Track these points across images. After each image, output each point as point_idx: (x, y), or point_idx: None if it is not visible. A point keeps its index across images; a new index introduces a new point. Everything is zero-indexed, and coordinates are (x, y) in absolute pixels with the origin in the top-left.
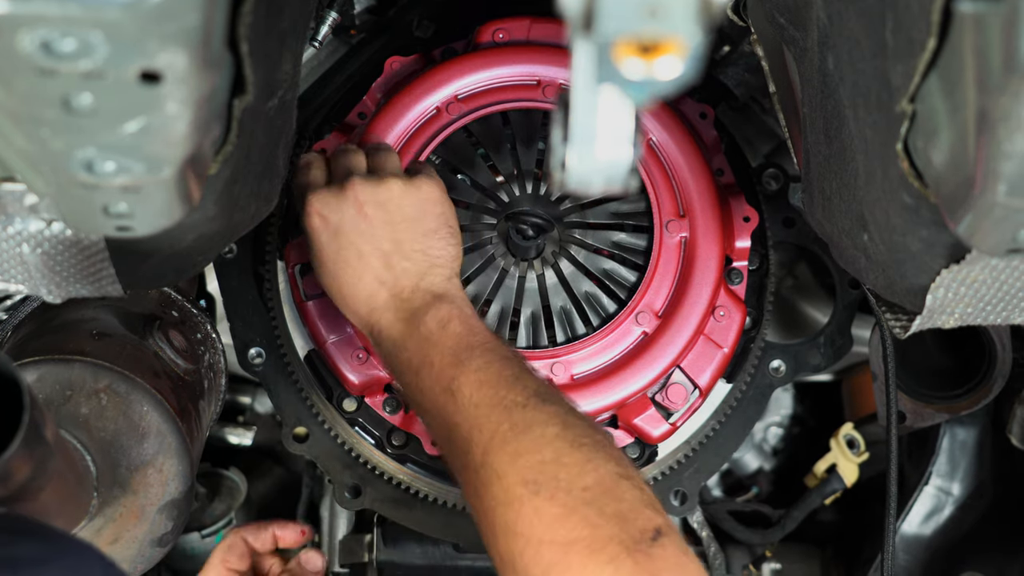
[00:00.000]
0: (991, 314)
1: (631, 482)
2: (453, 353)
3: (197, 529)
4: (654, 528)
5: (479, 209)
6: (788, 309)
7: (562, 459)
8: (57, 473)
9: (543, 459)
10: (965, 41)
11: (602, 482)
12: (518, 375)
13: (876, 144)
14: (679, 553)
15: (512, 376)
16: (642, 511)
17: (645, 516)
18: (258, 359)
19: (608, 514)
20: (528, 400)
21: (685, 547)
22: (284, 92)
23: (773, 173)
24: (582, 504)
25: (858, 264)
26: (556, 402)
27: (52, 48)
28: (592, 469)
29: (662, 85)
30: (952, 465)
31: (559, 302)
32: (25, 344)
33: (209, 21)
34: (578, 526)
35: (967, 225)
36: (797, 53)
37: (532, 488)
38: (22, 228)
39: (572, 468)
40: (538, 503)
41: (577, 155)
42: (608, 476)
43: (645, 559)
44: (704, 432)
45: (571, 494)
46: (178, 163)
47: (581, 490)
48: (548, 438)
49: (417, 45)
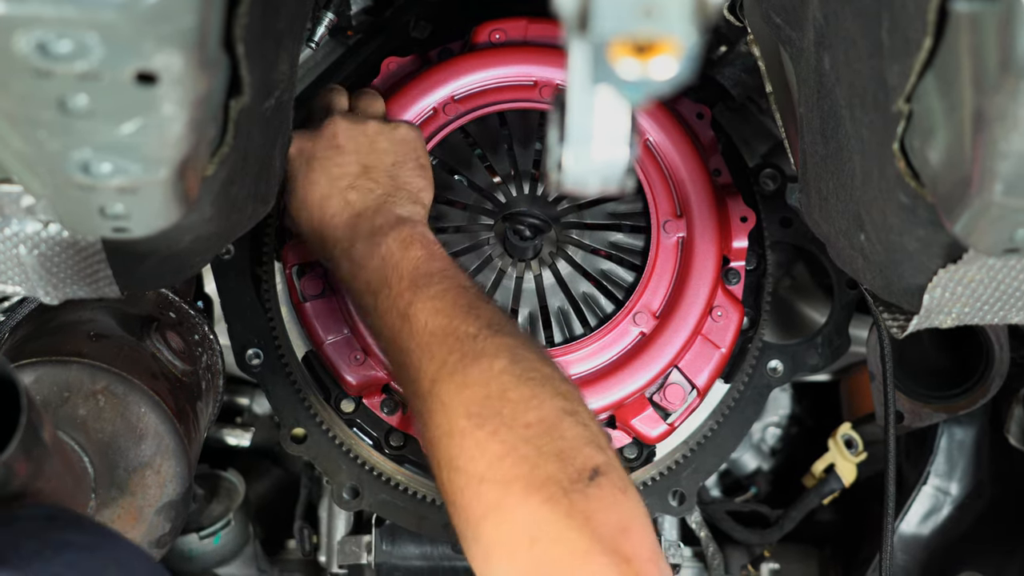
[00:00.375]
0: (988, 314)
1: (575, 418)
2: (411, 278)
3: (195, 530)
4: (592, 467)
5: (476, 210)
6: (786, 309)
7: (507, 394)
8: (55, 475)
9: (488, 392)
10: (961, 40)
11: (545, 419)
12: (473, 304)
13: (873, 144)
14: (615, 492)
15: (467, 305)
16: (582, 449)
17: (585, 455)
18: (256, 360)
19: (547, 453)
20: (480, 331)
21: (625, 484)
22: (281, 93)
23: (770, 173)
24: (522, 442)
25: (855, 264)
26: (508, 334)
27: (48, 49)
28: (536, 405)
29: (658, 85)
30: (950, 465)
31: (556, 303)
32: (22, 346)
33: (205, 22)
34: (517, 464)
35: (964, 225)
36: (793, 53)
37: (476, 421)
38: (19, 230)
39: (516, 403)
40: (480, 437)
41: (573, 155)
42: (552, 412)
43: (581, 499)
44: (702, 432)
45: (513, 430)
46: (174, 164)
47: (523, 427)
48: (495, 371)
49: (414, 46)
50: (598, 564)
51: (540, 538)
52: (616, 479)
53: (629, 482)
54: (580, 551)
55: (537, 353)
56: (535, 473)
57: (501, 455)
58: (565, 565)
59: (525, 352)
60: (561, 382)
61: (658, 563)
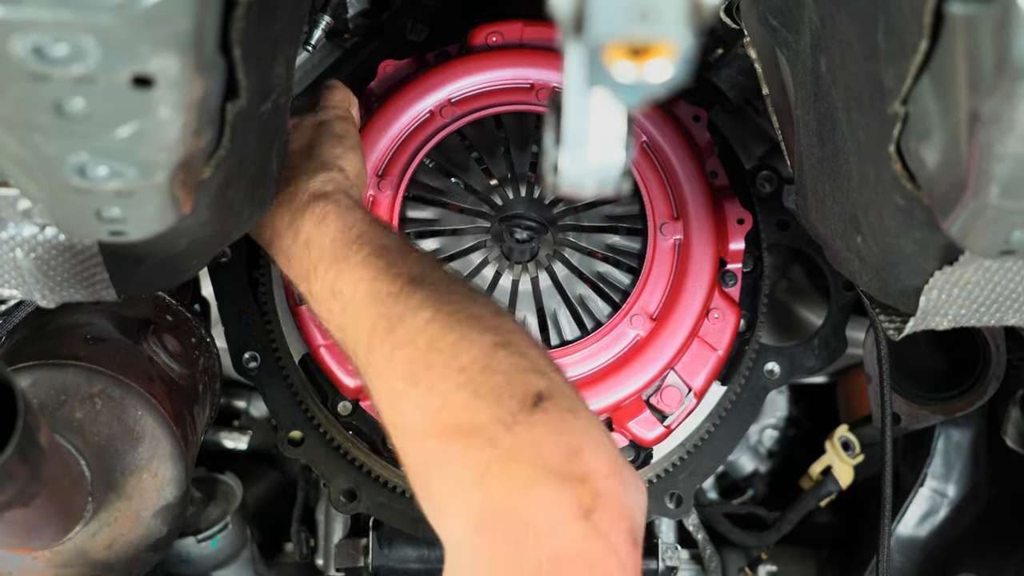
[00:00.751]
0: (985, 315)
1: (509, 350)
2: (332, 254)
3: (193, 534)
4: (535, 393)
5: (473, 212)
6: (782, 311)
7: (436, 344)
8: (52, 478)
9: (417, 349)
10: (957, 43)
11: (477, 359)
12: (392, 262)
13: (869, 146)
14: (562, 412)
15: (385, 266)
16: (521, 378)
17: (525, 383)
18: (253, 363)
19: (484, 393)
20: (401, 289)
21: (573, 403)
22: (277, 96)
23: (767, 175)
24: (456, 388)
25: (852, 266)
26: (430, 284)
27: (44, 53)
28: (467, 348)
29: (653, 88)
30: (947, 467)
31: (553, 305)
32: (19, 349)
33: (201, 25)
34: (456, 412)
35: (960, 227)
36: (790, 55)
37: (410, 381)
38: (15, 233)
39: (446, 352)
40: (417, 395)
41: (569, 158)
42: (484, 351)
43: (525, 429)
44: (699, 435)
45: (446, 380)
46: (171, 168)
47: (456, 373)
48: (420, 326)
49: (411, 49)
50: (544, 491)
51: (485, 478)
52: (562, 401)
53: (578, 401)
54: (525, 482)
55: (462, 294)
56: (474, 416)
57: (439, 408)
58: (512, 500)
59: (449, 297)
60: (492, 316)
61: (620, 476)
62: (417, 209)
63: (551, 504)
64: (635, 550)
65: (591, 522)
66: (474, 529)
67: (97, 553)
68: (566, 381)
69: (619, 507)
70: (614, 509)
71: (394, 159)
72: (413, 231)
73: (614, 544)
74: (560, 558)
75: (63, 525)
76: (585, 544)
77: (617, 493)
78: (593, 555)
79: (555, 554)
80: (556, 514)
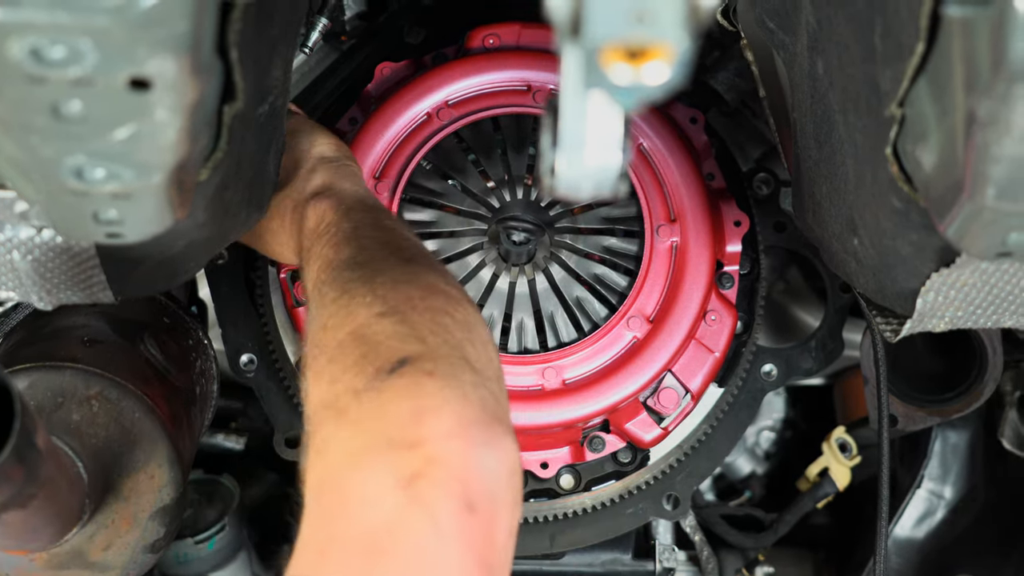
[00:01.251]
0: (981, 317)
1: (391, 319)
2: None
3: (190, 535)
4: (397, 359)
5: (470, 215)
6: (779, 313)
7: (328, 322)
8: (49, 480)
9: (315, 332)
10: (953, 45)
11: (355, 331)
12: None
13: (866, 148)
14: (418, 376)
15: (330, 257)
16: (388, 345)
17: (390, 350)
18: (250, 365)
19: (347, 364)
20: (330, 274)
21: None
22: (275, 98)
23: (764, 178)
24: (328, 363)
25: (848, 268)
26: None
27: (41, 55)
28: (350, 321)
29: (650, 90)
30: (944, 468)
31: (550, 307)
32: (16, 351)
33: (198, 28)
34: (323, 389)
35: (957, 229)
36: (787, 58)
37: (307, 363)
38: (12, 235)
39: (332, 329)
40: (307, 378)
41: (566, 160)
42: (363, 321)
43: (372, 397)
44: (696, 436)
45: (325, 353)
46: (168, 170)
47: (335, 347)
48: (327, 305)
49: (408, 51)
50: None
51: (323, 450)
52: (424, 364)
53: (449, 360)
54: (352, 452)
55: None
56: (332, 388)
57: (314, 385)
58: (336, 471)
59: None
60: (391, 286)
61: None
62: (414, 211)
63: (370, 474)
64: (469, 516)
65: (413, 490)
66: (310, 499)
67: (94, 555)
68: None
69: (451, 471)
70: (444, 473)
71: (391, 161)
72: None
73: (435, 512)
74: (373, 529)
75: (60, 527)
76: (399, 513)
77: (454, 455)
78: (407, 525)
79: (368, 524)
80: (373, 485)
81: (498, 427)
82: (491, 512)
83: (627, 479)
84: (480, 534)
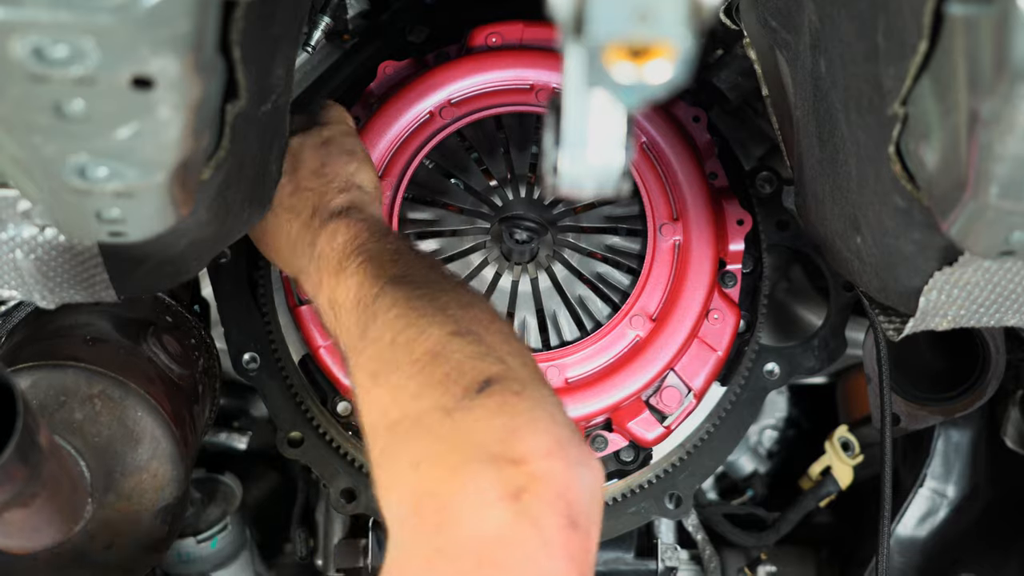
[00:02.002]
0: (984, 316)
1: (467, 338)
2: (335, 266)
3: (192, 534)
4: (482, 380)
5: (473, 213)
6: (782, 312)
7: (397, 339)
8: (51, 479)
9: (382, 345)
10: (956, 44)
11: (431, 349)
12: (380, 267)
13: (868, 147)
14: (507, 396)
15: (373, 271)
16: (471, 365)
17: (475, 369)
18: (252, 364)
19: (432, 381)
20: (380, 290)
21: (523, 387)
22: (277, 97)
23: (767, 176)
24: (407, 379)
25: (851, 267)
26: (408, 281)
27: (44, 54)
28: (424, 339)
29: (653, 89)
30: (947, 467)
31: (553, 306)
32: (19, 350)
33: (201, 26)
34: (404, 404)
35: (959, 228)
36: (789, 56)
37: (373, 379)
38: (15, 234)
39: (405, 345)
40: (376, 392)
41: (569, 159)
42: (439, 340)
43: (464, 415)
44: (699, 435)
45: (400, 371)
46: (171, 168)
47: (410, 364)
48: (389, 322)
49: (410, 49)
50: (470, 475)
51: (420, 464)
52: (512, 383)
53: (532, 382)
54: (453, 466)
55: (435, 287)
56: (418, 405)
57: (391, 400)
58: (440, 484)
59: (420, 291)
60: (458, 306)
61: (563, 455)
62: (417, 210)
63: (476, 486)
64: (572, 532)
65: (520, 504)
66: (408, 511)
67: (96, 554)
68: (526, 364)
69: (555, 488)
70: (549, 490)
71: (394, 160)
72: (413, 232)
73: (543, 526)
74: (483, 540)
75: (63, 526)
76: (509, 526)
77: (556, 473)
78: (517, 537)
79: (478, 536)
80: (481, 496)
81: (586, 447)
82: (588, 528)
83: (629, 478)
84: (581, 549)
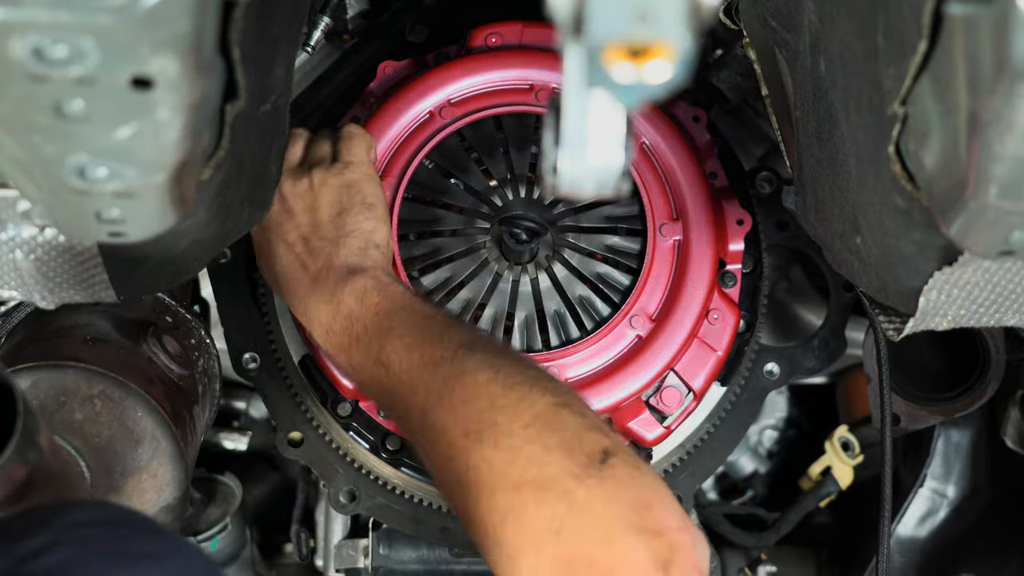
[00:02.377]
0: (984, 316)
1: (571, 409)
2: (376, 326)
3: (192, 535)
4: (601, 450)
5: (472, 213)
6: (782, 312)
7: (497, 403)
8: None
9: (479, 407)
10: (956, 43)
11: (540, 416)
12: (443, 330)
13: (868, 147)
14: (631, 469)
15: (437, 333)
16: (586, 436)
17: (590, 440)
18: (252, 364)
19: (552, 447)
20: (455, 353)
21: (637, 461)
22: (277, 97)
23: (766, 176)
24: (525, 443)
25: (851, 267)
26: (483, 349)
27: (44, 54)
28: (528, 406)
29: (652, 89)
30: (947, 467)
31: (553, 306)
32: (19, 350)
33: (201, 27)
34: (525, 466)
35: (959, 228)
36: (789, 56)
37: (475, 438)
38: (15, 234)
39: (508, 410)
40: (484, 452)
41: (569, 159)
42: (546, 409)
43: (596, 484)
44: (699, 435)
45: (512, 435)
46: (170, 169)
47: (522, 428)
48: (480, 385)
49: (410, 49)
50: (625, 544)
51: (563, 530)
52: (627, 457)
53: (640, 460)
54: (605, 535)
55: (516, 359)
56: (545, 470)
57: (508, 461)
58: (593, 551)
59: (504, 361)
60: (547, 380)
61: (688, 531)
62: (417, 210)
63: (633, 556)
64: None
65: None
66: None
67: None
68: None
69: (691, 560)
70: (687, 562)
71: (393, 160)
72: (413, 232)
73: None
74: None
75: None
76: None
77: (688, 547)
78: None
79: None
80: (638, 566)
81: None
82: None
83: None
84: None
